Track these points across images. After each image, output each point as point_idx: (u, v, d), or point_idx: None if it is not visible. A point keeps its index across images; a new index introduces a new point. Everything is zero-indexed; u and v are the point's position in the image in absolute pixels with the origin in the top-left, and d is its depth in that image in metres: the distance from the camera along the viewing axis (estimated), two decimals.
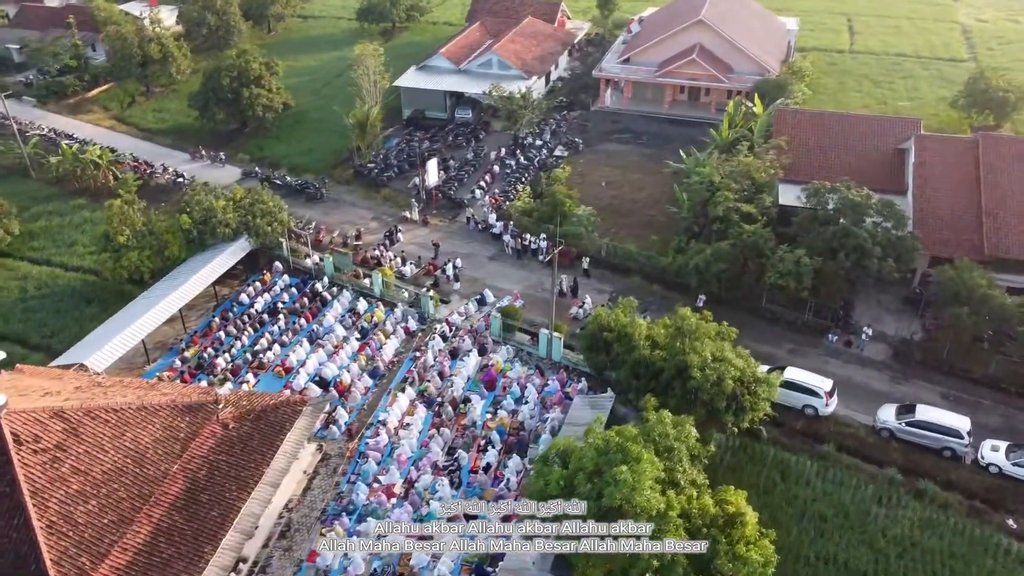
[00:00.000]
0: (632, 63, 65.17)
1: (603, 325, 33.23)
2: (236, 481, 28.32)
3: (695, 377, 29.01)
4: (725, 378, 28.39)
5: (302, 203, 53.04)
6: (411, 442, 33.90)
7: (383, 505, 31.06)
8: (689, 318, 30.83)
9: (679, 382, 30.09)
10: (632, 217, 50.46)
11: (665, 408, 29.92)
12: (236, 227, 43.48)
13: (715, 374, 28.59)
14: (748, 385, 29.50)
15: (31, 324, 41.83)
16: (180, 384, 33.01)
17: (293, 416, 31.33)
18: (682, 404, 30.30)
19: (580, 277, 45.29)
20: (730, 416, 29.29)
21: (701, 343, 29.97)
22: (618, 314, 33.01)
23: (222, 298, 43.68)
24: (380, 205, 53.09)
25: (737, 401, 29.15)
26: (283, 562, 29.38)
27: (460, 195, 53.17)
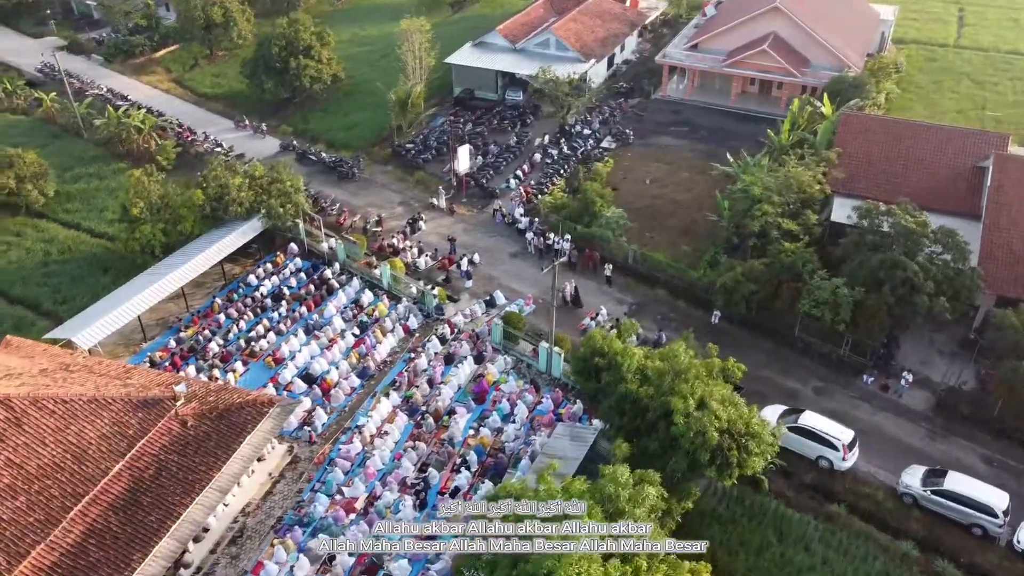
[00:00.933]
0: (700, 50, 60.56)
1: (595, 349, 30.38)
2: (182, 484, 27.27)
3: (677, 424, 25.93)
4: (708, 429, 25.20)
5: (333, 181, 51.74)
6: (383, 454, 32.20)
7: (340, 521, 29.53)
8: (680, 355, 27.60)
9: (664, 425, 27.06)
10: (672, 221, 46.80)
11: (649, 450, 27.27)
12: (250, 206, 42.46)
13: (698, 424, 25.44)
14: (738, 438, 26.18)
15: (46, 289, 42.19)
16: (156, 373, 32.20)
17: (257, 418, 30.05)
18: (666, 449, 27.29)
19: (603, 285, 42.27)
20: (712, 471, 26.12)
21: (691, 385, 26.77)
22: (612, 338, 30.05)
23: (232, 278, 42.92)
24: (411, 189, 51.20)
25: (723, 455, 25.92)
26: (228, 571, 28.30)
27: (493, 184, 50.66)
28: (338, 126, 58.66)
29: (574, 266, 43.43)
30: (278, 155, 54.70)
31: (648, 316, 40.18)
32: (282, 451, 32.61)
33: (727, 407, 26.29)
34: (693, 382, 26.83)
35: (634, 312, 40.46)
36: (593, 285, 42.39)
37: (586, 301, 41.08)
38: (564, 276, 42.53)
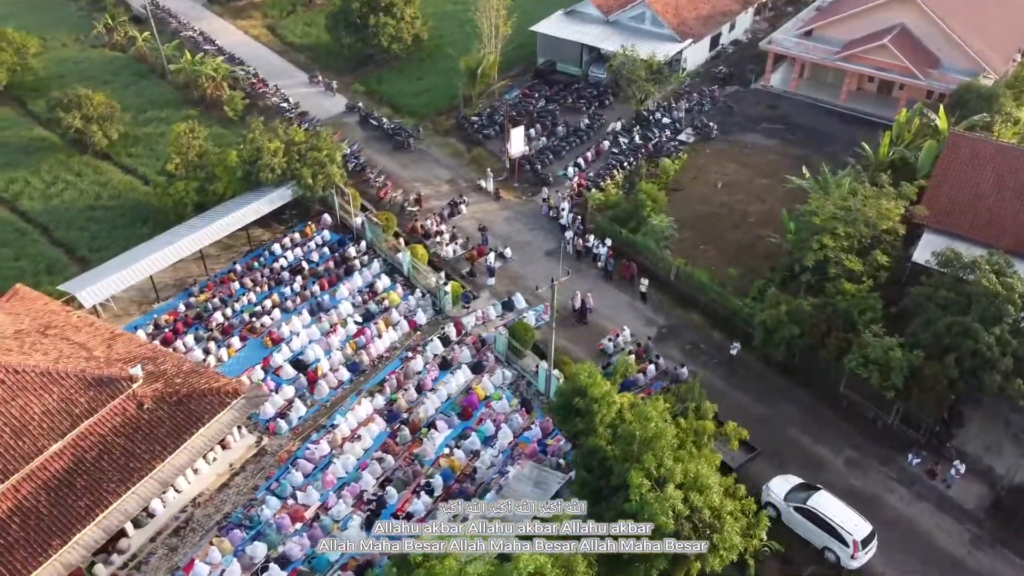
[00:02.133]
0: (814, 38, 53.68)
1: (577, 388, 27.03)
2: (122, 472, 26.58)
3: (632, 500, 22.45)
4: (658, 517, 21.57)
5: (387, 150, 49.76)
6: (347, 461, 30.42)
7: (284, 529, 28.15)
8: (652, 418, 23.82)
9: (623, 496, 23.61)
10: (734, 235, 41.81)
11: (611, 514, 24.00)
12: (283, 173, 41.13)
13: (649, 508, 21.83)
14: (701, 530, 22.38)
15: (86, 235, 42.80)
16: (140, 344, 31.63)
17: (218, 409, 28.98)
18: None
19: (636, 300, 38.33)
20: (663, 561, 22.50)
21: (657, 457, 23.07)
22: (596, 379, 26.56)
23: (259, 244, 42.05)
24: (464, 166, 48.44)
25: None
26: (161, 563, 27.56)
27: (550, 170, 47.09)
28: (409, 90, 56.42)
29: (610, 275, 39.61)
30: (342, 116, 53.29)
31: (677, 343, 36.11)
32: (250, 441, 31.48)
33: (693, 492, 22.46)
34: (661, 454, 23.11)
35: (663, 336, 36.46)
36: (625, 300, 38.51)
37: (612, 317, 37.37)
38: (597, 286, 38.96)
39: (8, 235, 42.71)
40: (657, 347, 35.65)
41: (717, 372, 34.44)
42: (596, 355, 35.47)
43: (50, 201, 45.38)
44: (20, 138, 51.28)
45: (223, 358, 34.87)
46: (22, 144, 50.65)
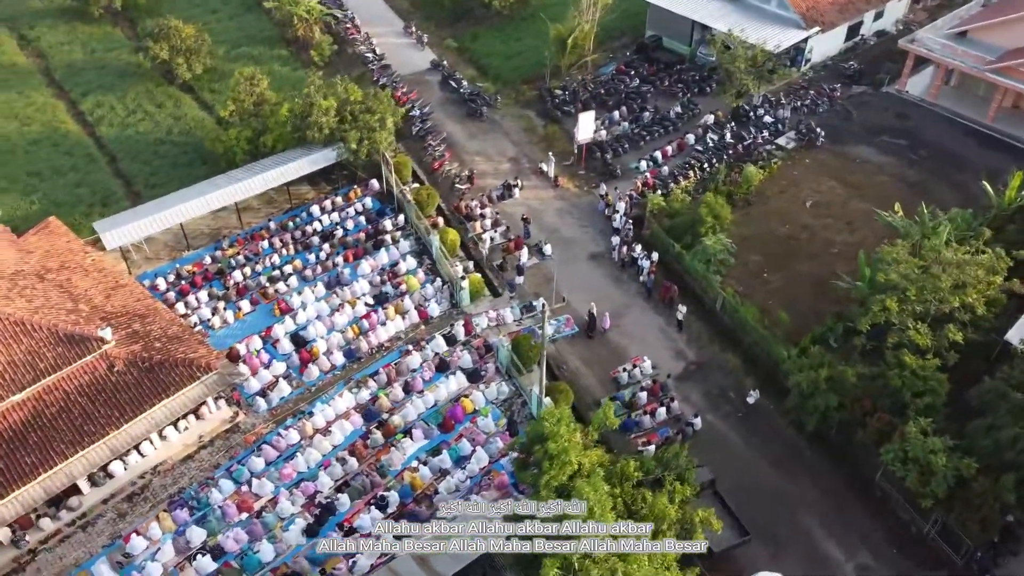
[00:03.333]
0: (968, 41, 45.58)
1: (539, 434, 24.12)
2: (75, 433, 26.53)
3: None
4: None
5: (459, 116, 47.11)
6: (311, 456, 29.12)
7: (229, 517, 27.38)
8: (590, 500, 20.57)
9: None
10: (808, 267, 36.50)
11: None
12: (331, 133, 39.53)
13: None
14: None
15: (147, 169, 43.25)
16: (140, 298, 31.43)
17: (187, 381, 28.39)
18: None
19: (671, 327, 34.35)
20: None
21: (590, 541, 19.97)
22: (558, 430, 23.50)
23: (300, 203, 41.02)
24: (534, 144, 45.09)
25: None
26: (106, 527, 27.52)
27: (621, 161, 42.98)
28: (502, 52, 53.06)
29: (650, 293, 35.68)
30: (425, 72, 50.98)
31: (702, 386, 32.11)
32: (225, 415, 30.79)
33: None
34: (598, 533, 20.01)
35: (689, 375, 32.53)
36: (659, 324, 34.60)
37: (640, 342, 33.75)
38: (633, 303, 35.28)
39: (78, 160, 43.86)
40: (678, 387, 31.86)
41: (735, 424, 30.34)
42: (608, 383, 32.10)
43: (126, 130, 46.20)
44: (120, 61, 52.42)
45: (229, 320, 34.28)
46: (119, 68, 51.78)
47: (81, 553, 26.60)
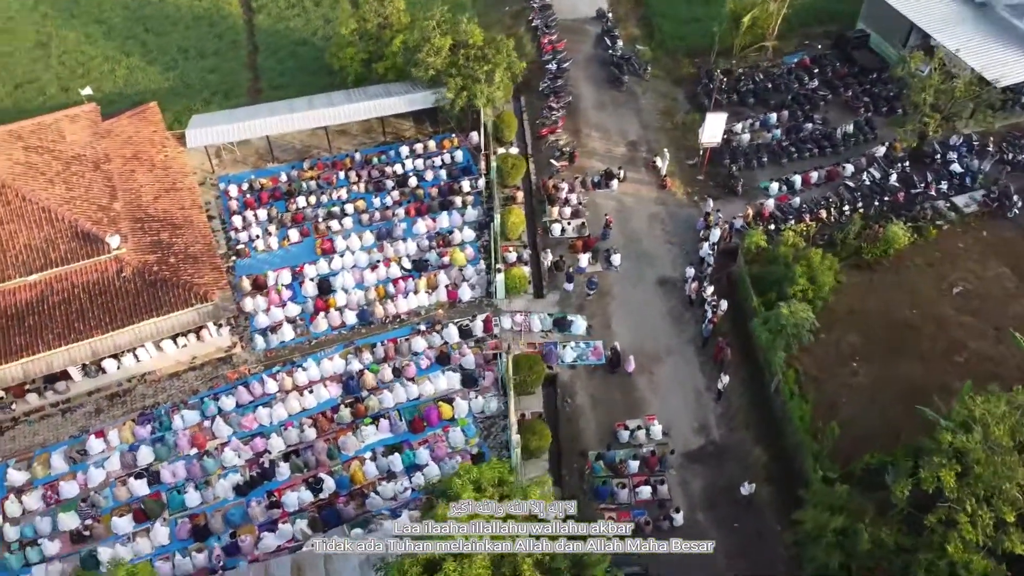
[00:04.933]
0: None
1: (443, 492, 21.48)
2: (65, 327, 27.75)
3: None
4: None
5: (598, 80, 42.51)
6: (277, 413, 28.55)
7: (180, 448, 27.72)
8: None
9: None
10: (917, 368, 29.45)
11: None
12: (436, 74, 37.00)
13: None
14: None
15: (278, 68, 43.17)
16: (190, 208, 31.88)
17: (182, 304, 28.74)
18: None
19: (709, 394, 29.46)
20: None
21: None
22: (466, 493, 20.65)
23: (395, 139, 39.43)
24: (663, 130, 39.75)
25: None
26: (80, 418, 28.96)
27: (750, 176, 36.80)
28: (679, 14, 46.64)
29: (704, 344, 30.67)
30: (587, 21, 46.41)
31: (709, 476, 27.37)
32: (224, 343, 30.90)
33: None
34: None
35: (704, 456, 27.95)
36: (697, 385, 29.88)
37: (665, 399, 29.30)
38: (682, 350, 30.68)
39: (223, 45, 44.99)
40: (682, 468, 27.45)
41: (726, 536, 25.57)
42: (609, 436, 28.30)
43: (279, 23, 46.53)
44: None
45: (272, 246, 34.09)
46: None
47: (51, 436, 28.29)
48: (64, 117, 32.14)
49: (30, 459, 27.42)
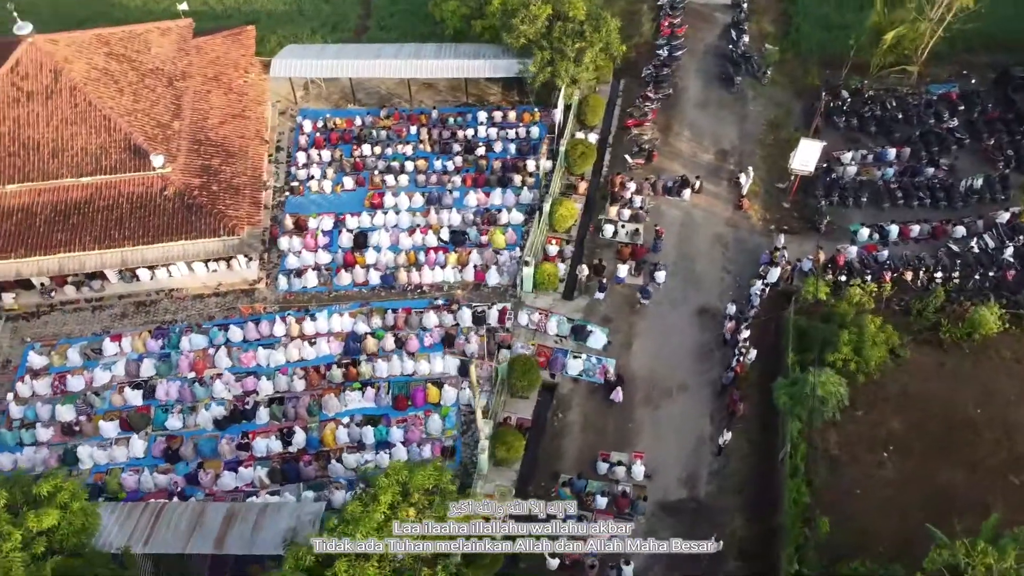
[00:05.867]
0: None
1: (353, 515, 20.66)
2: (101, 231, 29.37)
3: None
4: None
5: (707, 76, 39.12)
6: (276, 357, 28.98)
7: (180, 370, 28.80)
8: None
9: None
10: (957, 477, 25.71)
11: None
12: (527, 43, 35.22)
13: None
14: None
15: (392, 8, 42.68)
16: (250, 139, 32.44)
17: (210, 234, 29.93)
18: None
19: (710, 446, 27.13)
20: None
21: None
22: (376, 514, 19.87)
23: (478, 102, 38.23)
24: (766, 145, 36.06)
25: None
26: (106, 319, 30.64)
27: (841, 216, 32.96)
28: (829, 18, 41.11)
29: (723, 390, 28.13)
30: (719, 8, 42.39)
31: (679, 531, 25.22)
32: (250, 276, 31.55)
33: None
34: None
35: (680, 511, 25.86)
36: (701, 432, 27.56)
37: (660, 440, 27.22)
38: (698, 395, 28.35)
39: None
40: (652, 518, 25.50)
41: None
42: (588, 464, 26.74)
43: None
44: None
45: (325, 190, 34.23)
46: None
47: (76, 329, 30.19)
48: (155, 29, 33.22)
49: (52, 346, 29.36)
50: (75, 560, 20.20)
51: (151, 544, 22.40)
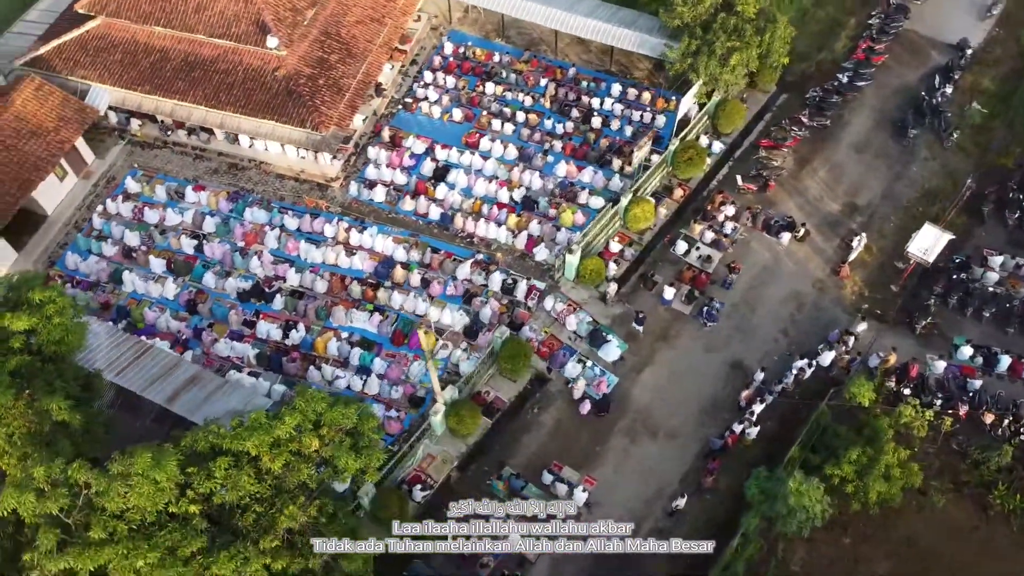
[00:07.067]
0: None
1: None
2: (211, 91, 31.76)
3: None
4: None
5: (883, 118, 34.20)
6: (314, 253, 30.29)
7: (232, 236, 30.90)
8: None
9: None
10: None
11: None
12: (681, 26, 32.53)
13: None
14: None
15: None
16: (371, 49, 33.01)
17: (296, 123, 31.40)
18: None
19: (663, 507, 25.16)
20: None
21: None
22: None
23: (616, 71, 36.26)
24: (913, 215, 31.32)
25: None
26: (201, 167, 33.34)
27: (950, 322, 28.26)
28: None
29: (707, 456, 25.80)
30: (940, 47, 36.52)
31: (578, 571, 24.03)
32: (329, 172, 32.79)
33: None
34: None
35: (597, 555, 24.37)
36: (664, 487, 25.59)
37: (627, 476, 25.82)
38: (687, 444, 26.33)
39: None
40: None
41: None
42: (535, 471, 25.82)
43: None
44: None
45: (434, 115, 34.41)
46: None
47: (174, 168, 33.20)
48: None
49: (150, 178, 32.63)
50: (46, 365, 22.81)
51: (122, 376, 24.86)
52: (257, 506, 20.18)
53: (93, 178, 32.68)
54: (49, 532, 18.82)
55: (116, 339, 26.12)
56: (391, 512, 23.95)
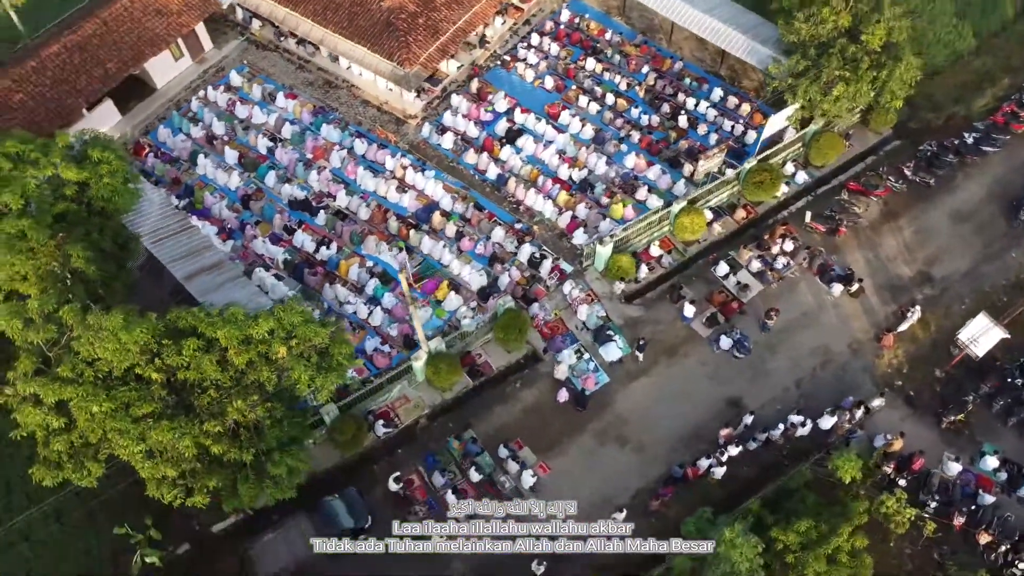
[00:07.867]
0: None
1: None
2: (320, 7, 32.98)
3: None
4: None
5: (997, 191, 30.98)
6: (365, 180, 31.36)
7: (305, 146, 32.43)
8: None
9: None
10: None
11: None
12: (797, 42, 30.48)
13: None
14: None
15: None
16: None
17: (383, 54, 32.31)
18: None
19: (614, 513, 24.71)
20: None
21: None
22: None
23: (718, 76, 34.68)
24: (987, 297, 28.49)
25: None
26: (296, 77, 35.09)
27: (981, 423, 25.66)
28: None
29: (666, 482, 25.01)
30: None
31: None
32: (409, 108, 33.57)
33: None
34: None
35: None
36: (612, 497, 24.99)
37: (570, 477, 25.40)
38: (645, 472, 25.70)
39: None
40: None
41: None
42: (495, 442, 26.01)
43: None
44: None
45: (527, 78, 34.38)
46: None
47: (276, 72, 34.97)
48: None
49: (253, 76, 34.73)
50: (92, 218, 25.12)
51: (157, 245, 27.04)
52: (213, 391, 21.59)
53: (205, 64, 35.10)
54: (28, 359, 21.14)
55: (165, 211, 28.32)
56: (346, 436, 25.06)
